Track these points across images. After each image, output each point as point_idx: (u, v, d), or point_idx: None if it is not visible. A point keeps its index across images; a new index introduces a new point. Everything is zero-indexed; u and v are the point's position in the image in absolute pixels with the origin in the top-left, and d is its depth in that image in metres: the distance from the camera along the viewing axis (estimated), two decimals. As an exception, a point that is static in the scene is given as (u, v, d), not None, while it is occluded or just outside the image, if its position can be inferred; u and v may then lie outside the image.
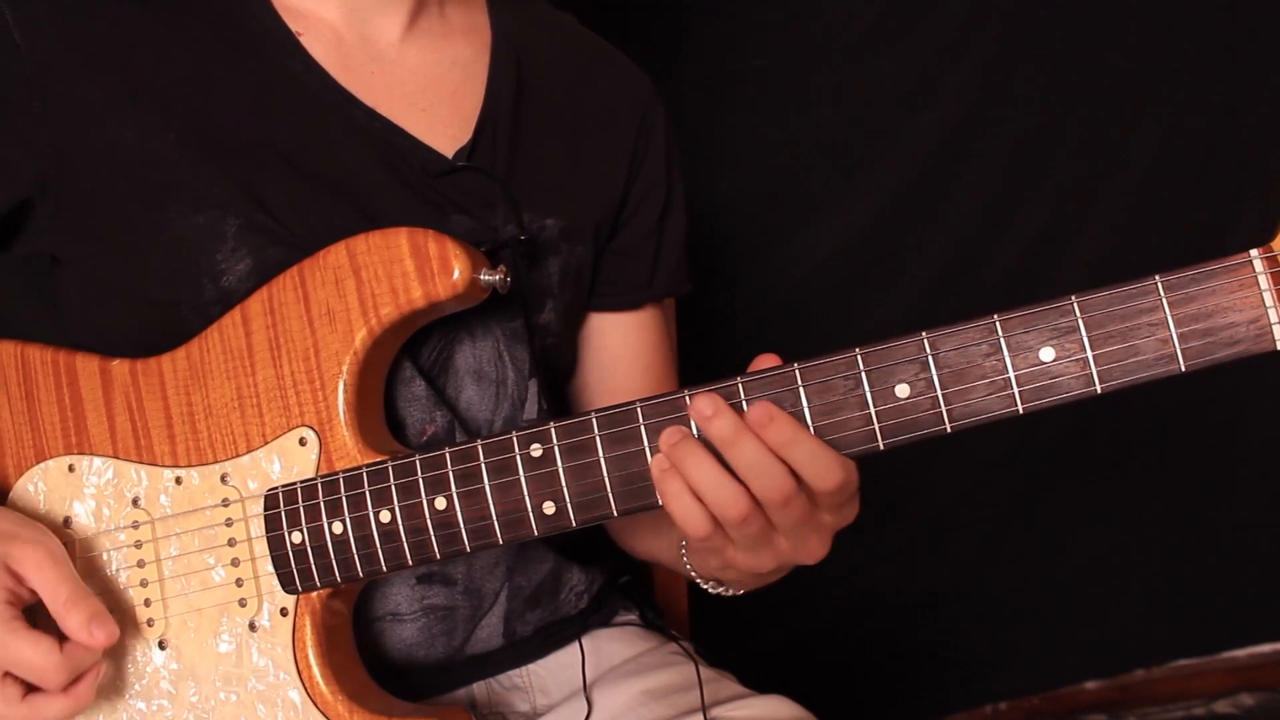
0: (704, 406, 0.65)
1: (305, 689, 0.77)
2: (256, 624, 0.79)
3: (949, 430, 0.66)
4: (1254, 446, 1.80)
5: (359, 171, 0.82)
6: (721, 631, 1.05)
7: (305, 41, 0.84)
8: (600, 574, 0.96)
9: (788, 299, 1.64)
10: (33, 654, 0.70)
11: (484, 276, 0.79)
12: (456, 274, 0.77)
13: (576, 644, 0.91)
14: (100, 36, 0.80)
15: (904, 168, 1.65)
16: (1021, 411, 0.65)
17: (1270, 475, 1.81)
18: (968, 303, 1.67)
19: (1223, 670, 1.88)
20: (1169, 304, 0.63)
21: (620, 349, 0.96)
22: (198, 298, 0.80)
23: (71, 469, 0.84)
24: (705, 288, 1.04)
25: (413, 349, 0.83)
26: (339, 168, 0.82)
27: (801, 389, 0.67)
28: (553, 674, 0.91)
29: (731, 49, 1.60)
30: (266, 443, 0.80)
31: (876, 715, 1.71)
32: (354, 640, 0.82)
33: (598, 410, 0.71)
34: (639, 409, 0.70)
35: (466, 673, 0.88)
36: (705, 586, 0.82)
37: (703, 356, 1.16)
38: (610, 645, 0.93)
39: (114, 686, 0.81)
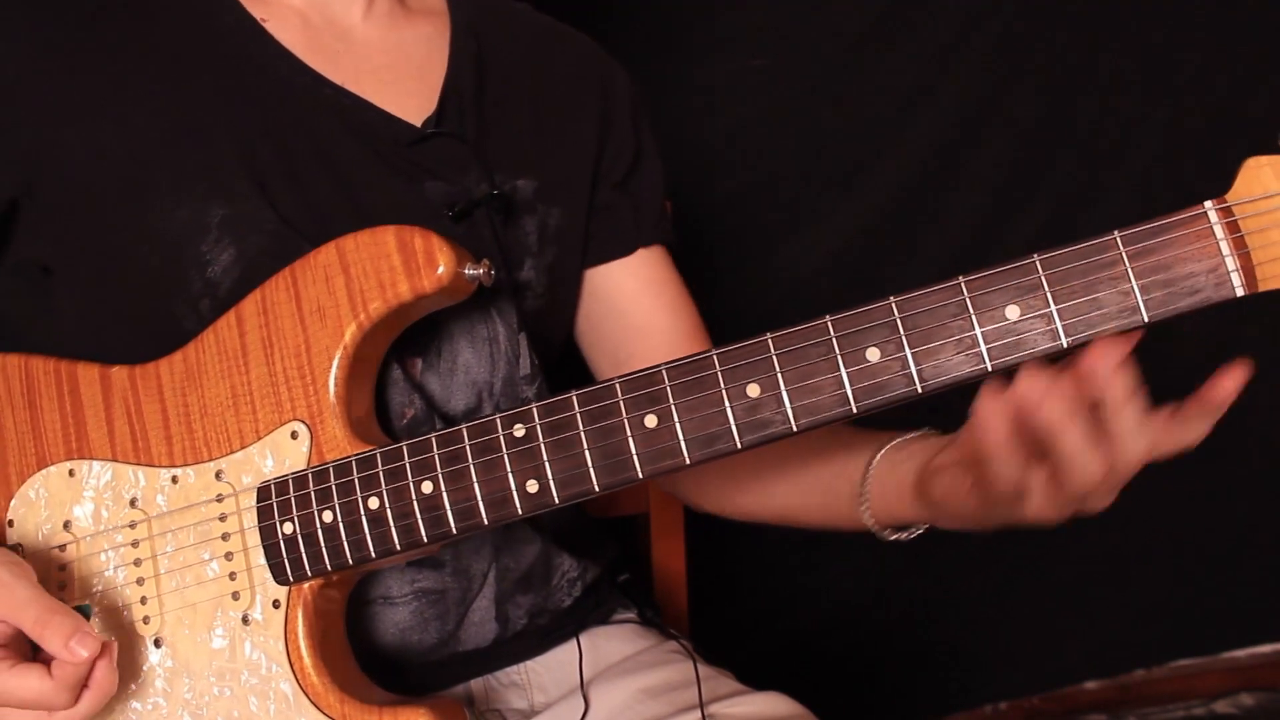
0: (1112, 350, 0.59)
1: (297, 680, 0.78)
2: (249, 617, 0.79)
3: (920, 391, 0.67)
4: (1254, 447, 1.79)
5: (332, 147, 0.85)
6: (721, 631, 1.04)
7: (270, 28, 0.86)
8: (593, 565, 0.96)
9: (787, 298, 1.65)
10: (24, 689, 0.69)
11: (469, 271, 0.81)
12: (441, 268, 0.80)
13: (574, 641, 0.91)
14: (72, 40, 0.82)
15: (903, 168, 1.66)
16: (990, 369, 0.66)
17: (1270, 475, 1.80)
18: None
19: (1223, 670, 1.89)
20: (1128, 257, 0.64)
21: (630, 289, 0.97)
22: (186, 291, 0.82)
23: (72, 474, 0.86)
24: (705, 287, 1.06)
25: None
26: (313, 145, 0.84)
27: (774, 357, 0.69)
28: (550, 671, 0.91)
29: (730, 49, 1.61)
30: (259, 438, 0.81)
31: (876, 715, 1.70)
32: (346, 634, 0.82)
33: (578, 389, 0.73)
34: (618, 385, 0.72)
35: (464, 669, 0.88)
36: (881, 533, 0.80)
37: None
38: (608, 643, 0.93)
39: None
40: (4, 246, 0.87)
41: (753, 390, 0.69)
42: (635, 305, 0.98)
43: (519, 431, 0.73)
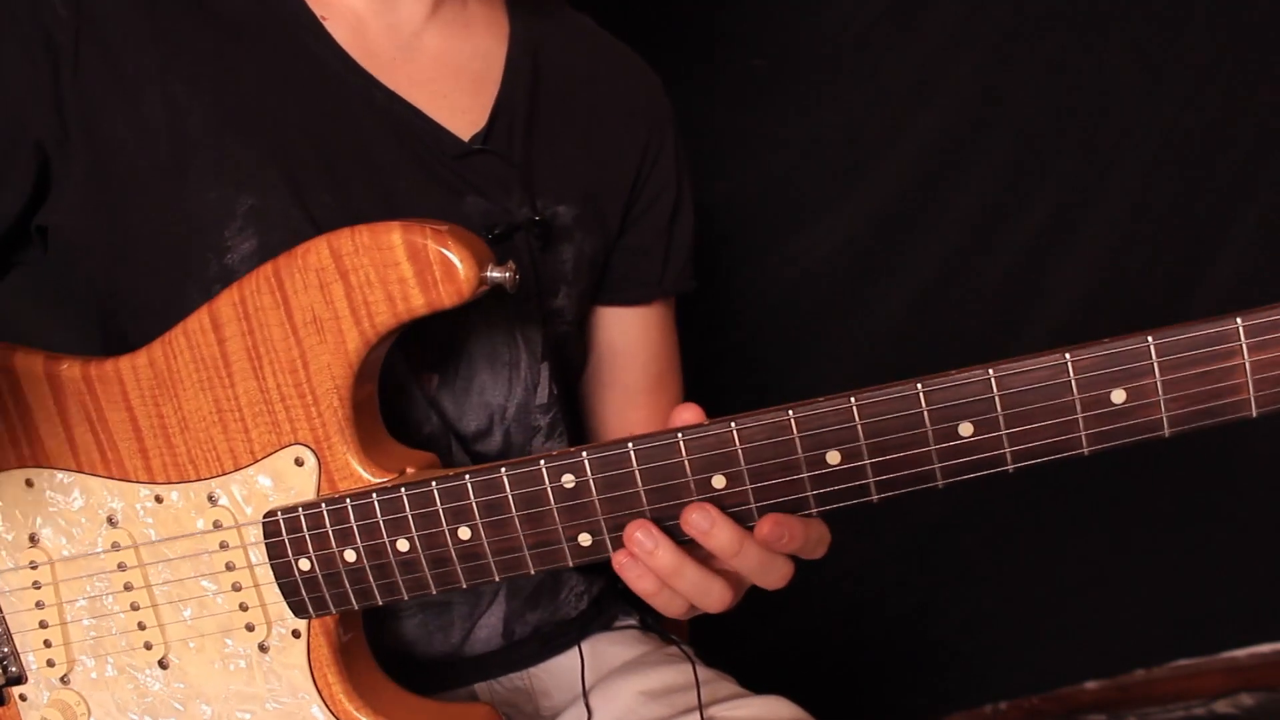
0: (700, 521, 0.64)
1: (327, 705, 0.75)
2: (267, 645, 0.75)
3: (1010, 471, 0.64)
4: (1255, 447, 1.76)
5: (376, 151, 0.81)
6: (721, 637, 1.04)
7: (329, 27, 0.83)
8: (600, 577, 0.95)
9: (787, 298, 1.60)
10: None
11: (491, 274, 0.71)
12: (462, 278, 0.69)
13: (576, 649, 0.91)
14: (134, 15, 0.79)
15: (903, 167, 1.59)
16: (1086, 454, 0.63)
17: (1270, 475, 1.78)
18: (968, 302, 1.65)
19: (1223, 670, 1.86)
20: (1248, 349, 0.60)
21: (620, 342, 0.96)
22: (202, 273, 0.77)
23: (30, 484, 0.75)
24: (704, 287, 1.03)
25: (420, 338, 0.78)
26: (355, 147, 0.81)
27: (859, 425, 0.64)
28: (554, 677, 0.90)
29: (730, 48, 1.53)
30: (256, 460, 0.73)
31: (876, 715, 1.71)
32: (369, 648, 0.79)
33: (635, 439, 0.66)
34: (681, 443, 0.66)
35: (468, 674, 0.88)
36: None
37: (702, 356, 1.13)
38: (610, 648, 0.92)
39: (116, 706, 0.77)
40: (40, 204, 0.80)
41: (833, 459, 0.65)
42: (615, 357, 0.97)
43: (569, 483, 0.67)
